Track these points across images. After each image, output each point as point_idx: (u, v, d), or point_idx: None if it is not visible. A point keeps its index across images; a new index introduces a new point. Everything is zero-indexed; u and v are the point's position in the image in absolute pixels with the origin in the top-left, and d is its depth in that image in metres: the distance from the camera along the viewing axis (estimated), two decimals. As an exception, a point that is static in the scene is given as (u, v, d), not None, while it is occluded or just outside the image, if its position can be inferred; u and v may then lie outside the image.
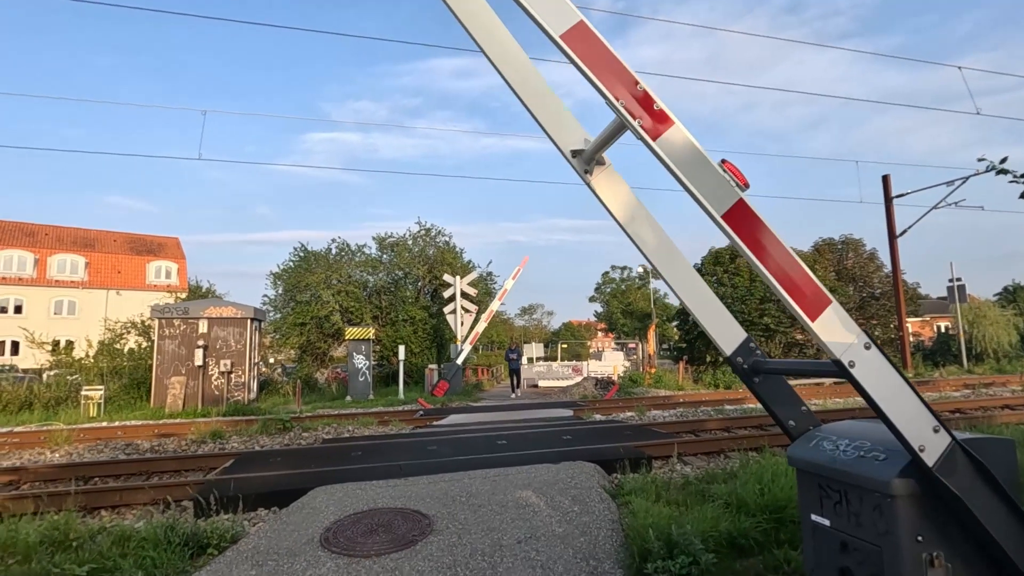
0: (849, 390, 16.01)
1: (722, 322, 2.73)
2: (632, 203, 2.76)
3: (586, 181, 2.76)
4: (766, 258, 2.05)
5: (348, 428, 10.83)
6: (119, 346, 18.89)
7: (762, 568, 3.50)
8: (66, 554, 3.93)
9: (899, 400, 2.00)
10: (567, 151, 2.75)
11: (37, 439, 9.85)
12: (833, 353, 2.01)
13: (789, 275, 2.04)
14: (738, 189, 2.09)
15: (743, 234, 2.05)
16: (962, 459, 2.00)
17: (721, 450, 7.59)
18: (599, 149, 2.67)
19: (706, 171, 2.09)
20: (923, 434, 1.99)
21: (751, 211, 2.07)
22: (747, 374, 2.67)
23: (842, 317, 2.04)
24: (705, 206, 2.07)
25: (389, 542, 3.89)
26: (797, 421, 2.66)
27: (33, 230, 44.00)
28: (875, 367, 2.01)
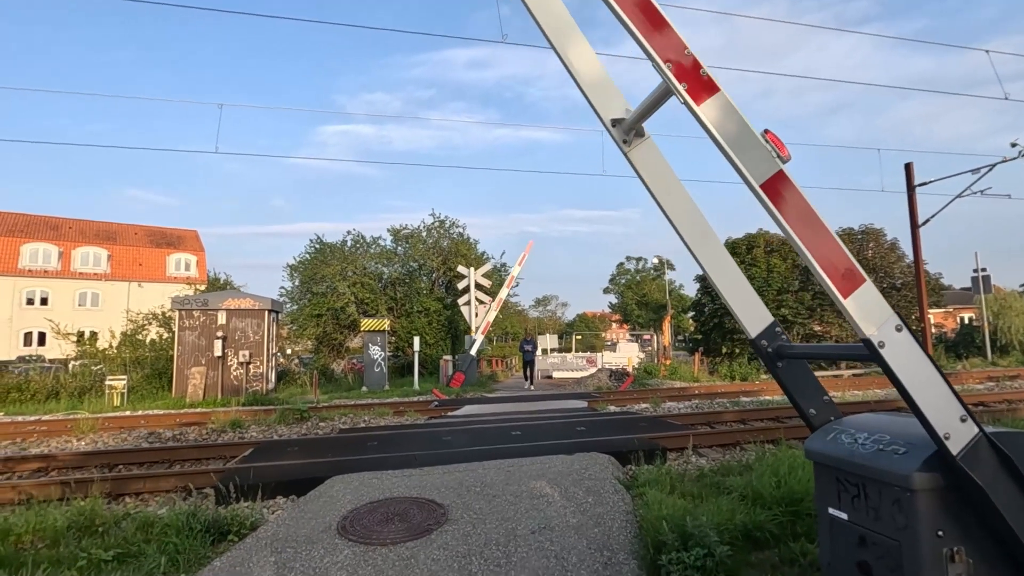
0: (867, 383, 15.78)
1: (749, 304, 2.70)
2: (669, 177, 2.74)
3: (624, 151, 2.75)
4: (802, 230, 2.03)
5: (364, 418, 10.96)
6: (141, 337, 19.29)
7: (778, 561, 3.48)
8: (92, 539, 4.05)
9: (928, 385, 1.97)
10: (607, 120, 2.74)
11: (64, 427, 10.12)
12: (863, 332, 1.97)
13: (824, 249, 2.02)
14: (779, 160, 2.08)
15: (780, 205, 2.04)
16: (987, 451, 1.96)
17: (737, 442, 7.54)
18: (641, 118, 2.65)
19: (748, 140, 2.09)
20: (950, 422, 1.95)
21: (790, 183, 2.06)
22: (771, 358, 2.64)
23: (875, 297, 2.00)
24: (744, 174, 2.07)
25: (405, 531, 3.94)
26: (818, 410, 2.63)
27: (57, 223, 44.97)
28: (905, 350, 1.97)
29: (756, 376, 19.79)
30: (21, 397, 14.79)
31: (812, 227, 2.04)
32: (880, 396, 13.06)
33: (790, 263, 29.88)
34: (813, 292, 28.00)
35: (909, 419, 2.51)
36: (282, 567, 3.50)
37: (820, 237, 2.03)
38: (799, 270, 29.68)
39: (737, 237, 31.85)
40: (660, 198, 2.71)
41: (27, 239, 42.14)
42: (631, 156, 2.73)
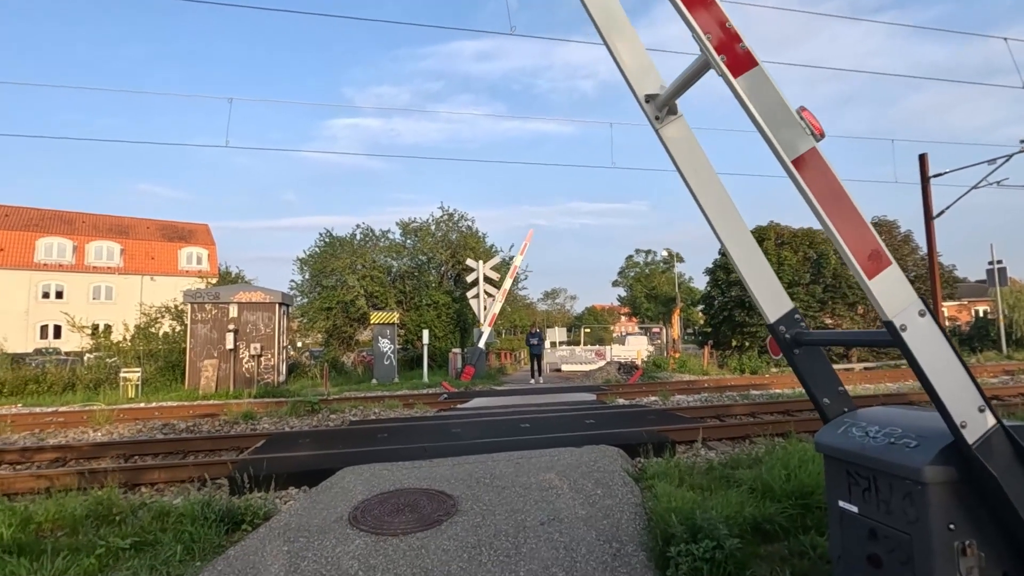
0: (878, 376, 15.65)
1: (770, 289, 2.70)
2: (699, 156, 2.74)
3: (655, 128, 2.75)
4: (831, 209, 2.03)
5: (374, 410, 11.05)
6: (154, 330, 19.54)
7: (787, 553, 3.48)
8: (110, 527, 4.13)
9: (948, 372, 1.96)
10: (641, 95, 2.74)
11: (80, 418, 10.30)
12: (886, 314, 1.97)
13: (852, 230, 2.03)
14: (812, 137, 2.08)
15: (811, 182, 2.04)
16: (1004, 443, 1.95)
17: (746, 435, 7.53)
18: (675, 94, 2.65)
19: (783, 115, 2.09)
20: (967, 411, 1.94)
21: (822, 161, 2.06)
22: (788, 345, 2.64)
23: (900, 280, 2.00)
24: (777, 149, 2.07)
25: (415, 521, 3.98)
26: (832, 400, 2.63)
27: (71, 218, 45.52)
28: (927, 335, 1.97)
29: (766, 369, 19.69)
30: (38, 389, 15.06)
31: (841, 206, 2.04)
32: (892, 390, 12.95)
33: (801, 256, 29.61)
34: (824, 285, 27.75)
35: (920, 412, 2.50)
36: (295, 556, 3.56)
37: (849, 217, 2.04)
38: (810, 263, 29.41)
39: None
40: (688, 177, 2.71)
41: (42, 233, 42.72)
42: (662, 133, 2.73)
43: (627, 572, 3.30)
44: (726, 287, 31.35)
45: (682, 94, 2.66)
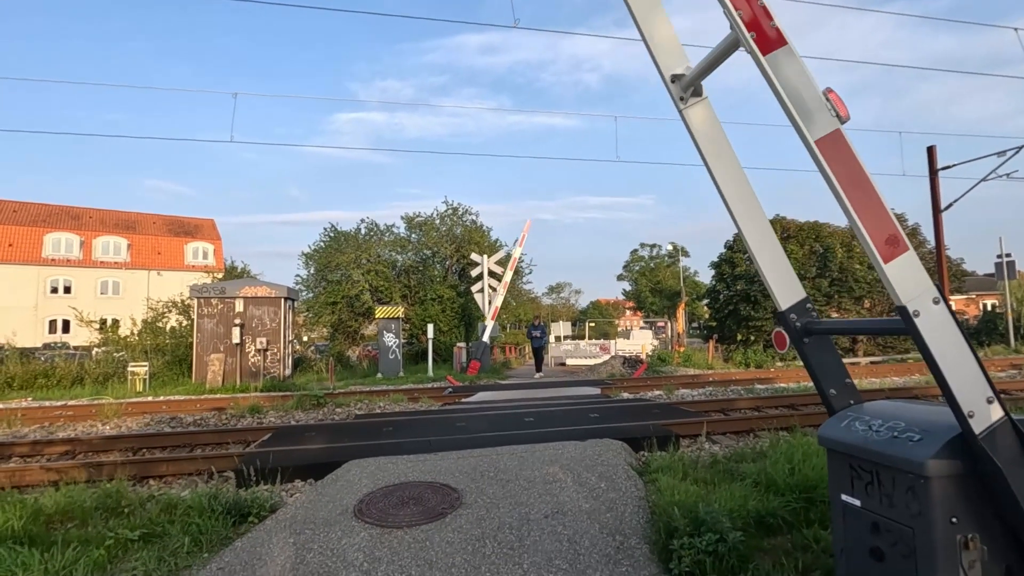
0: (884, 371, 15.59)
1: (783, 276, 2.71)
2: (721, 140, 2.75)
3: (679, 108, 2.75)
4: (851, 191, 2.04)
5: (379, 404, 11.10)
6: (161, 324, 19.67)
7: (791, 547, 3.49)
8: (119, 519, 4.18)
9: (959, 362, 1.96)
10: (668, 75, 2.75)
11: (89, 412, 10.40)
12: (900, 299, 1.97)
13: (871, 213, 2.03)
14: (837, 119, 2.09)
15: (833, 163, 2.05)
16: (1010, 435, 1.95)
17: (751, 429, 7.52)
18: (702, 75, 2.66)
19: (809, 95, 2.10)
20: (976, 401, 1.95)
21: (846, 143, 2.07)
22: (798, 333, 2.65)
23: (916, 266, 2.01)
24: (801, 128, 2.08)
25: (420, 514, 4.01)
26: (839, 392, 2.63)
27: (78, 213, 45.81)
28: (940, 322, 1.97)
29: (771, 363, 19.64)
30: (48, 383, 15.22)
31: (862, 189, 2.05)
32: (898, 384, 12.90)
33: (807, 249, 29.46)
34: (831, 279, 27.63)
35: (924, 406, 2.49)
36: (301, 548, 3.60)
37: (869, 200, 2.04)
38: (816, 256, 29.26)
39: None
40: (710, 160, 2.72)
41: (50, 229, 43.02)
42: (686, 114, 2.74)
43: (630, 565, 3.32)
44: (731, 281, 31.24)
45: (708, 75, 2.66)
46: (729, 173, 2.71)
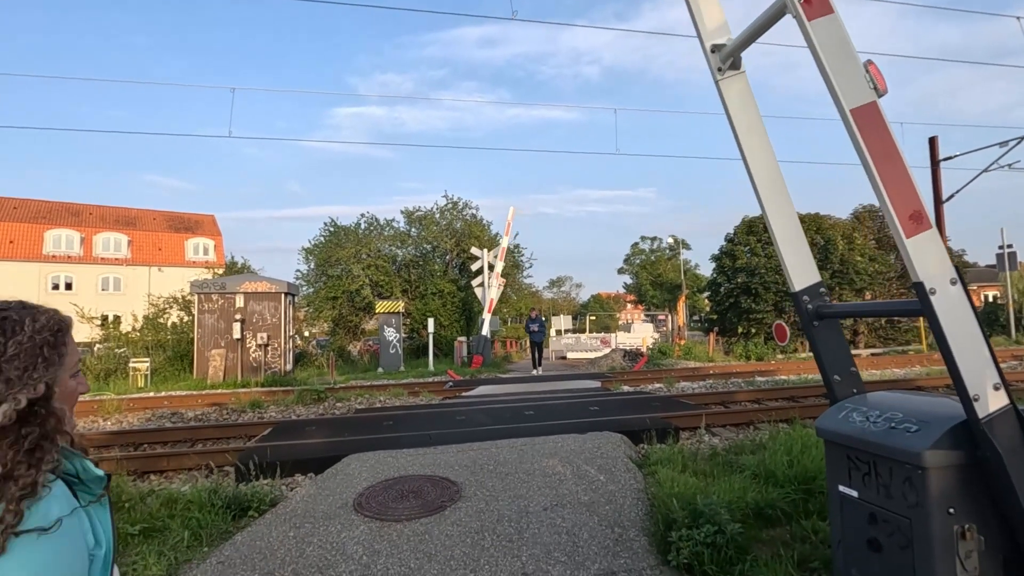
0: (885, 362, 15.58)
1: (800, 258, 2.74)
2: (754, 115, 2.77)
3: (716, 79, 2.77)
4: (881, 164, 2.05)
5: (380, 399, 11.12)
6: (162, 320, 19.70)
7: (789, 538, 3.49)
8: (119, 515, 4.19)
9: (970, 344, 1.97)
10: (708, 44, 2.77)
11: (91, 408, 10.43)
12: (918, 275, 1.98)
13: (898, 187, 2.04)
14: (875, 92, 2.10)
15: (866, 134, 2.06)
16: (1013, 424, 1.94)
17: (751, 422, 7.53)
18: (743, 45, 2.68)
19: (850, 65, 2.12)
20: (983, 386, 1.95)
21: (881, 116, 2.08)
22: (809, 316, 2.66)
23: (937, 245, 2.02)
24: (838, 96, 2.10)
25: (419, 507, 4.02)
26: (843, 379, 2.64)
27: (78, 210, 45.78)
28: (955, 304, 1.98)
29: (772, 356, 19.64)
30: (49, 379, 15.25)
31: (892, 163, 2.06)
32: (898, 375, 12.91)
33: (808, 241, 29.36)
34: (832, 271, 27.58)
35: (922, 397, 2.48)
36: (301, 542, 3.61)
37: (898, 175, 2.05)
38: (817, 248, 29.19)
39: (754, 216, 31.35)
40: (741, 134, 2.74)
41: (50, 225, 43.00)
42: (722, 86, 2.76)
43: (629, 556, 3.33)
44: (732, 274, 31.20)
45: (748, 46, 2.69)
46: (758, 149, 2.74)
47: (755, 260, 29.91)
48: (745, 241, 31.19)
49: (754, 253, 30.44)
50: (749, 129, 2.73)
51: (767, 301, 28.96)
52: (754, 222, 31.68)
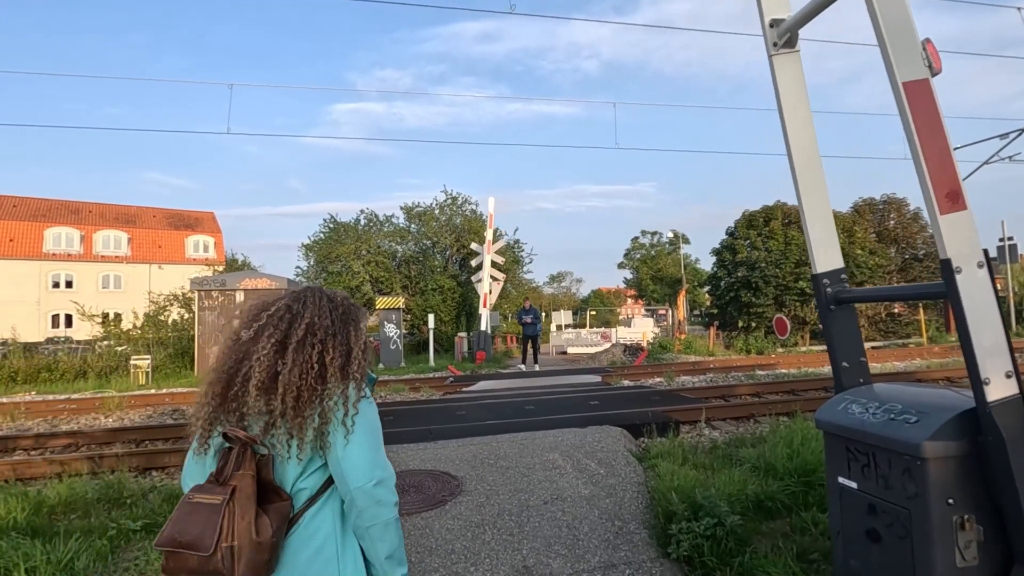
0: (885, 355, 15.58)
1: (826, 241, 2.76)
2: (802, 96, 2.80)
3: (770, 55, 2.81)
4: (926, 140, 2.07)
5: (380, 395, 11.14)
6: (163, 318, 19.71)
7: (789, 530, 3.50)
8: (121, 510, 4.21)
9: (988, 329, 1.98)
10: (768, 18, 2.80)
11: (92, 405, 10.46)
12: (947, 252, 2.00)
13: (940, 164, 2.06)
14: (928, 69, 2.12)
15: (915, 108, 2.08)
16: (1020, 412, 1.95)
17: (751, 415, 7.54)
18: (802, 22, 2.70)
19: (908, 38, 2.13)
20: (995, 371, 1.96)
21: (931, 93, 2.10)
22: (827, 299, 2.69)
23: (970, 226, 2.04)
24: (893, 68, 2.11)
25: (420, 502, 4.03)
26: (851, 367, 2.66)
27: (78, 207, 45.75)
28: (980, 286, 2.00)
29: (772, 350, 19.66)
30: (51, 377, 15.29)
31: (937, 140, 2.08)
32: (899, 368, 12.91)
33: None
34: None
35: (921, 388, 2.48)
36: (302, 536, 3.62)
37: (941, 153, 2.07)
38: (818, 242, 29.11)
39: (754, 210, 31.29)
40: (786, 112, 2.77)
41: (50, 223, 42.99)
42: (775, 61, 2.79)
43: (629, 549, 3.34)
44: (732, 268, 31.16)
45: (806, 23, 2.71)
46: (802, 130, 2.78)
47: (755, 254, 29.87)
48: (745, 235, 31.13)
49: (754, 247, 30.40)
50: (795, 108, 2.77)
51: (767, 295, 28.93)
52: (754, 216, 31.61)
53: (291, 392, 1.34)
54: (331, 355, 1.43)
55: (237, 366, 1.40)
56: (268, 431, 1.34)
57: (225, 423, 1.37)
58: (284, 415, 1.33)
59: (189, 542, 1.21)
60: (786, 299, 28.85)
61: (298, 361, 1.38)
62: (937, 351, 16.62)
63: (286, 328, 1.44)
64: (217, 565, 1.20)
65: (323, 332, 1.45)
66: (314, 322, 1.45)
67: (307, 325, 1.44)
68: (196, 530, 1.22)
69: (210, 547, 1.20)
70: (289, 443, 1.33)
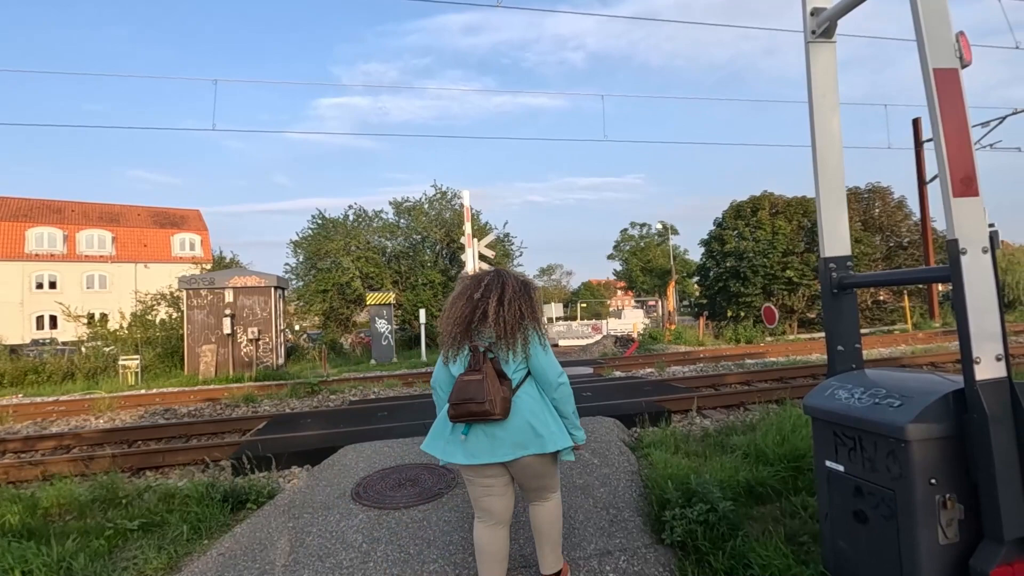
0: (872, 342, 15.83)
1: (836, 227, 2.85)
2: (832, 87, 2.88)
3: (806, 42, 2.88)
4: (949, 128, 2.15)
5: (374, 390, 11.14)
6: (151, 317, 19.53)
7: (779, 514, 3.58)
8: (117, 510, 4.20)
9: (985, 313, 2.06)
10: (810, 6, 2.87)
11: (82, 407, 10.37)
12: (954, 233, 2.08)
13: (959, 151, 2.14)
14: (959, 60, 2.19)
15: (942, 95, 2.15)
16: (1005, 393, 2.03)
17: (741, 403, 7.65)
18: (841, 12, 2.76)
19: (943, 29, 2.20)
20: (987, 352, 2.04)
21: (959, 84, 2.18)
22: (831, 284, 2.78)
23: (980, 212, 2.12)
24: (926, 55, 2.18)
25: (417, 495, 4.07)
26: (845, 351, 2.74)
27: (60, 207, 44.99)
28: (982, 270, 2.08)
29: (761, 338, 19.88)
30: (38, 379, 15.11)
31: (959, 128, 2.15)
32: (884, 354, 13.13)
33: (795, 225, 29.62)
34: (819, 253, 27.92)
35: (905, 373, 2.55)
36: (300, 532, 3.64)
37: (961, 140, 2.15)
38: (804, 231, 29.45)
39: (742, 200, 31.49)
40: (815, 99, 2.85)
41: (32, 223, 42.26)
42: (811, 48, 2.87)
43: (624, 536, 3.40)
44: (721, 258, 31.37)
45: (846, 14, 2.78)
46: (828, 116, 2.86)
47: (743, 244, 30.05)
48: (733, 225, 31.30)
49: (742, 237, 30.59)
50: (824, 96, 2.85)
51: (756, 284, 29.17)
52: (742, 206, 31.80)
53: (508, 325, 2.41)
54: (525, 307, 2.48)
55: (474, 311, 2.44)
56: (494, 345, 2.42)
57: (469, 341, 2.44)
58: (502, 337, 2.41)
59: (469, 398, 2.31)
60: (774, 288, 29.09)
61: (510, 310, 2.42)
62: (921, 337, 16.91)
63: (499, 291, 2.46)
64: (485, 407, 2.30)
65: (518, 295, 2.48)
66: (514, 288, 2.50)
67: (512, 289, 2.48)
68: (472, 391, 2.32)
69: (483, 400, 2.29)
70: (506, 353, 2.42)
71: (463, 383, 2.36)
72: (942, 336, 16.63)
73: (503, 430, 2.39)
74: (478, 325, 2.43)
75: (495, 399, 2.31)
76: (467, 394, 2.32)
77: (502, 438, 2.39)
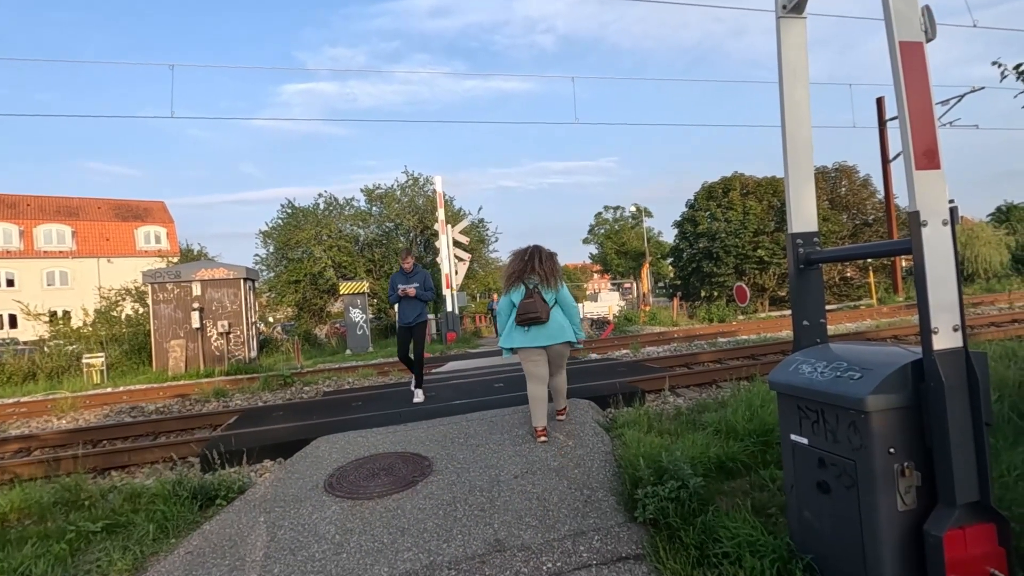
0: (838, 318, 16.26)
1: (804, 204, 2.87)
2: (802, 64, 2.88)
3: (778, 16, 2.87)
4: (913, 101, 2.17)
5: (348, 380, 11.03)
6: (116, 313, 18.92)
7: (748, 488, 3.65)
8: (80, 512, 4.08)
9: (943, 284, 2.11)
10: None
11: (44, 408, 10.01)
12: (916, 205, 2.11)
13: (923, 125, 2.17)
14: (924, 35, 2.21)
15: (907, 68, 2.18)
16: (961, 364, 2.08)
17: (713, 381, 7.79)
18: None
19: (911, 3, 2.21)
20: (944, 323, 2.09)
21: (923, 57, 2.20)
22: (798, 259, 2.81)
23: (941, 185, 2.15)
24: (892, 27, 2.19)
25: (391, 484, 4.03)
26: (811, 325, 2.78)
27: (14, 201, 43.09)
28: (941, 242, 2.11)
29: (733, 317, 20.26)
30: (-3, 380, 14.54)
31: (922, 102, 2.18)
32: (850, 329, 13.51)
33: (765, 204, 30.12)
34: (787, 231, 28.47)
35: (865, 347, 2.60)
36: (272, 526, 3.58)
37: (924, 114, 2.18)
38: (774, 211, 29.97)
39: (713, 181, 31.84)
40: (785, 76, 2.86)
41: (-16, 219, 40.42)
42: (781, 24, 2.87)
43: (597, 516, 3.43)
44: (694, 239, 31.76)
45: None
46: (798, 93, 2.87)
47: (716, 225, 30.45)
48: (705, 206, 31.67)
49: (714, 218, 30.98)
50: (795, 72, 2.86)
51: (728, 264, 29.63)
52: (713, 187, 32.17)
53: (547, 273, 4.59)
54: (555, 264, 4.71)
55: (525, 265, 4.61)
56: (538, 285, 4.55)
57: (522, 282, 4.58)
58: (543, 279, 4.57)
59: (531, 311, 4.46)
60: (746, 268, 29.61)
61: (547, 265, 4.62)
62: (886, 311, 17.44)
63: (539, 255, 4.66)
64: (540, 315, 4.47)
65: (549, 258, 4.69)
66: (546, 253, 4.72)
67: (545, 254, 4.70)
68: (532, 308, 4.46)
69: (537, 312, 4.45)
70: (546, 289, 4.57)
71: (526, 304, 4.45)
72: (905, 310, 17.17)
73: (546, 329, 4.50)
74: (529, 274, 4.55)
75: (542, 312, 4.43)
76: (530, 309, 4.42)
77: (546, 333, 4.50)
